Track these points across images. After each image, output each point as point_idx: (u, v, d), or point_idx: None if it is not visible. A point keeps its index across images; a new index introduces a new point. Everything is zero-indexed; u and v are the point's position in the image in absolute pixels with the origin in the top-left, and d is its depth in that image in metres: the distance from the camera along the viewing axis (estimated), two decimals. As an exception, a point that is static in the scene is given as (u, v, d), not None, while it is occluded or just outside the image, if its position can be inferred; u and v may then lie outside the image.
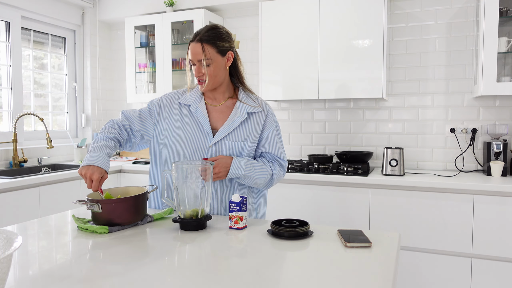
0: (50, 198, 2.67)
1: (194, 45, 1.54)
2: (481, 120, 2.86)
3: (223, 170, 1.54)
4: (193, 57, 1.55)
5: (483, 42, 2.51)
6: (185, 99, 1.65)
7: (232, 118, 1.61)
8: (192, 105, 1.63)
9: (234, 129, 1.60)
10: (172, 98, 1.68)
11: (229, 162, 1.56)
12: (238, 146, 1.60)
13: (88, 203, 1.39)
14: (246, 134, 1.62)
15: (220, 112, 1.64)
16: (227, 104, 1.66)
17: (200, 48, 1.52)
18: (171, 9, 3.45)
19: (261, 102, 1.68)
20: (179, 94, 1.69)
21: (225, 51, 1.57)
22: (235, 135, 1.61)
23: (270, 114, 1.68)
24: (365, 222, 2.60)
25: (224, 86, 1.65)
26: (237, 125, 1.60)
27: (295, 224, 1.35)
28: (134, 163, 3.34)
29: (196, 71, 1.56)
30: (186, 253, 1.18)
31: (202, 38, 1.53)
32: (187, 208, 1.40)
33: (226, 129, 1.60)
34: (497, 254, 2.32)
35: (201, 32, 1.55)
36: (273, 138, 1.67)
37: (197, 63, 1.55)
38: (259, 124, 1.65)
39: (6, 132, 3.12)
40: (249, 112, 1.63)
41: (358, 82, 2.81)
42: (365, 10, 2.77)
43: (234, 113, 1.62)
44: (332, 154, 3.23)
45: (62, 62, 3.69)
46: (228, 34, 1.60)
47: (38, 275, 1.01)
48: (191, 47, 1.55)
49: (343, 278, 0.99)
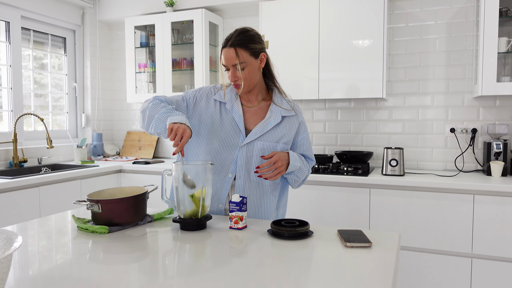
0: (50, 198, 2.67)
1: (227, 50, 1.54)
2: (481, 120, 2.86)
3: (284, 164, 1.56)
4: (227, 62, 1.55)
5: (483, 42, 2.51)
6: (220, 96, 1.65)
7: (266, 120, 1.62)
8: (228, 103, 1.64)
9: (268, 131, 1.62)
10: (208, 93, 1.67)
11: (286, 155, 1.58)
12: (270, 146, 1.61)
13: (88, 203, 1.39)
14: (279, 136, 1.63)
15: (253, 113, 1.66)
16: (261, 106, 1.67)
17: (233, 53, 1.53)
18: (171, 9, 3.45)
19: (294, 105, 1.70)
20: (215, 90, 1.68)
21: (258, 53, 1.58)
22: (268, 136, 1.62)
23: (303, 119, 1.72)
24: (365, 222, 2.60)
25: (258, 87, 1.66)
26: (270, 127, 1.62)
27: (295, 224, 1.35)
28: (134, 163, 3.34)
29: (231, 75, 1.57)
30: (186, 253, 1.18)
31: (234, 42, 1.54)
32: (187, 208, 1.40)
33: (260, 131, 1.61)
34: (497, 254, 2.32)
35: (232, 36, 1.55)
36: (308, 142, 1.73)
37: (231, 68, 1.56)
38: (293, 128, 1.67)
39: (6, 132, 3.12)
40: (283, 115, 1.65)
41: (358, 82, 2.81)
42: (365, 10, 2.77)
43: (269, 115, 1.63)
44: (332, 154, 3.23)
45: (62, 62, 3.69)
46: (259, 35, 1.61)
47: (38, 275, 1.01)
48: (224, 53, 1.55)
49: (343, 278, 0.99)
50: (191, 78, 3.60)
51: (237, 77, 1.56)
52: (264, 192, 1.65)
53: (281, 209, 1.76)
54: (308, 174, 1.71)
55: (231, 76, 1.57)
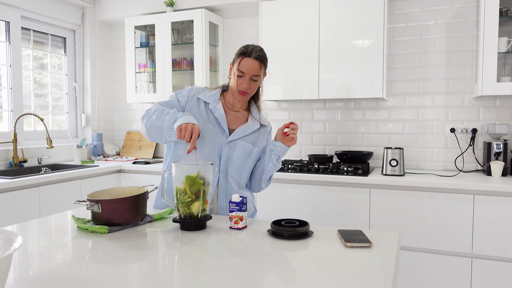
0: (50, 198, 2.67)
1: (252, 61, 1.64)
2: (481, 120, 2.86)
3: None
4: (247, 71, 1.65)
5: (483, 42, 2.51)
6: (205, 96, 1.75)
7: (248, 124, 1.77)
8: (211, 103, 1.73)
9: (248, 133, 1.76)
10: (194, 94, 1.77)
11: None
12: (249, 148, 1.75)
13: (88, 203, 1.39)
14: (255, 141, 1.79)
15: (236, 117, 1.79)
16: (242, 113, 1.81)
17: (258, 66, 1.66)
18: (171, 9, 3.45)
19: (266, 119, 1.88)
20: (200, 91, 1.79)
21: (264, 72, 1.74)
22: (248, 139, 1.76)
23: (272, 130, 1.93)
24: (365, 222, 2.60)
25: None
26: (251, 131, 1.77)
27: (295, 224, 1.35)
28: (134, 163, 3.34)
29: (245, 84, 1.67)
30: (186, 253, 1.18)
31: (259, 57, 1.66)
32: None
33: (243, 132, 1.74)
34: (497, 254, 2.32)
35: (255, 50, 1.66)
36: None
37: (248, 77, 1.66)
38: (265, 136, 1.84)
39: (6, 132, 3.12)
40: (262, 124, 1.82)
41: (358, 82, 2.81)
42: (365, 10, 2.77)
43: (250, 121, 1.79)
44: (332, 154, 3.23)
45: (62, 62, 3.69)
46: None
47: (38, 275, 1.01)
48: (247, 62, 1.64)
49: (343, 278, 0.99)
50: (191, 78, 3.60)
51: (249, 87, 1.67)
52: (241, 187, 1.77)
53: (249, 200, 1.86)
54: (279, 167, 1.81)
55: (245, 84, 1.67)
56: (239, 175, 1.75)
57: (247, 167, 1.77)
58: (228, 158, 1.71)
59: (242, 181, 1.77)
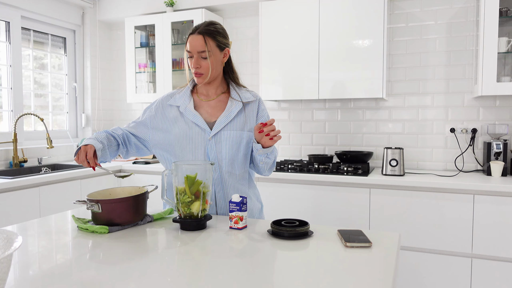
0: (50, 198, 2.67)
1: (195, 37, 1.57)
2: (481, 120, 2.86)
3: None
4: (192, 49, 1.57)
5: (483, 42, 2.51)
6: (174, 100, 1.69)
7: (228, 109, 1.65)
8: (181, 106, 1.66)
9: (231, 119, 1.64)
10: (163, 102, 1.71)
11: None
12: (236, 135, 1.63)
13: (88, 203, 1.39)
14: (243, 123, 1.66)
15: (213, 107, 1.68)
16: (220, 98, 1.70)
17: (202, 40, 1.56)
18: (171, 9, 3.45)
19: (253, 93, 1.73)
20: (168, 97, 1.72)
21: (223, 47, 1.62)
22: (233, 125, 1.64)
23: (261, 102, 1.74)
24: (365, 222, 2.60)
25: (218, 81, 1.69)
26: (234, 115, 1.64)
27: (295, 224, 1.35)
28: (134, 163, 3.34)
29: (194, 62, 1.58)
30: (186, 253, 1.18)
31: (203, 30, 1.57)
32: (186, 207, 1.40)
33: (224, 120, 1.63)
34: (497, 254, 2.32)
35: (201, 25, 1.60)
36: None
37: (196, 55, 1.57)
38: (254, 111, 1.70)
39: (6, 132, 3.12)
40: (244, 102, 1.67)
41: (358, 82, 2.81)
42: (365, 10, 2.77)
43: (230, 105, 1.66)
44: (332, 154, 3.23)
45: (62, 62, 3.69)
46: (225, 31, 1.66)
47: (38, 275, 1.01)
48: (191, 39, 1.58)
49: (343, 278, 0.99)
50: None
51: (199, 65, 1.57)
52: (236, 181, 1.66)
53: (254, 196, 1.76)
54: (276, 155, 1.68)
55: (194, 62, 1.58)
56: (234, 167, 1.64)
57: (241, 155, 1.64)
58: (217, 154, 1.62)
59: (239, 172, 1.66)
